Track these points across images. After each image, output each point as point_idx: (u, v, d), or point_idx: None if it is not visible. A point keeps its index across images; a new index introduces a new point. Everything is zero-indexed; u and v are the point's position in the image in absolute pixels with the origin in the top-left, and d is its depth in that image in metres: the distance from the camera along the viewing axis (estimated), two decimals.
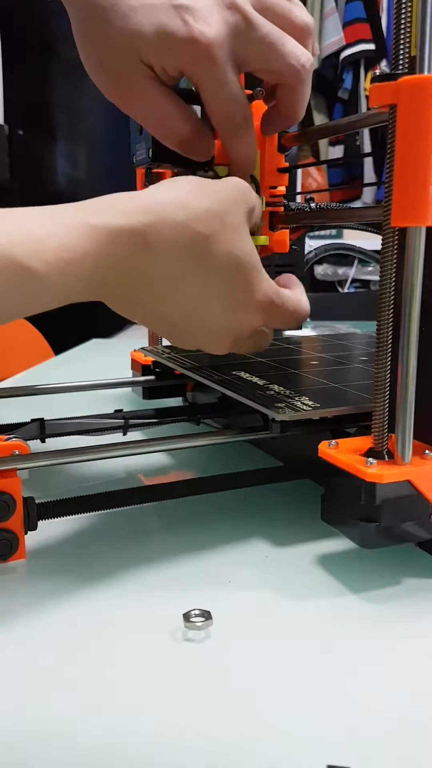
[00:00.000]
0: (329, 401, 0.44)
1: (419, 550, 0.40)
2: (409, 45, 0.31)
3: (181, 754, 0.25)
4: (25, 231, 0.29)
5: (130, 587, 0.36)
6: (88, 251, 0.31)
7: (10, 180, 1.96)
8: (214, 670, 0.30)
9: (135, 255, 0.33)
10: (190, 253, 0.34)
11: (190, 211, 0.34)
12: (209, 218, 0.34)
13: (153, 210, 0.33)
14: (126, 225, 0.32)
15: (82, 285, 0.32)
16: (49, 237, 0.30)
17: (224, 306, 0.37)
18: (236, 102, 0.38)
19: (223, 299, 0.37)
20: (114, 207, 0.33)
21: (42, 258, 0.29)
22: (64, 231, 0.30)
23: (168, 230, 0.33)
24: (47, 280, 0.30)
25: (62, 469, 0.53)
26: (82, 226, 0.31)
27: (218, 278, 0.36)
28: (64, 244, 0.30)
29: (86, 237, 0.31)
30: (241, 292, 0.37)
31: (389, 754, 0.25)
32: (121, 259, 0.32)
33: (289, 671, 0.30)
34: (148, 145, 0.45)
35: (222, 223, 0.35)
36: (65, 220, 0.31)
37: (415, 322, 0.33)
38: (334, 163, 2.82)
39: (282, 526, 0.43)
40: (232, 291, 0.36)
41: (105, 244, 0.31)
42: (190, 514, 0.46)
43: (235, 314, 0.37)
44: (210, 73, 0.36)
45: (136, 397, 0.67)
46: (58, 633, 0.33)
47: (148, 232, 0.33)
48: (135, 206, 0.33)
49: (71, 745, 0.25)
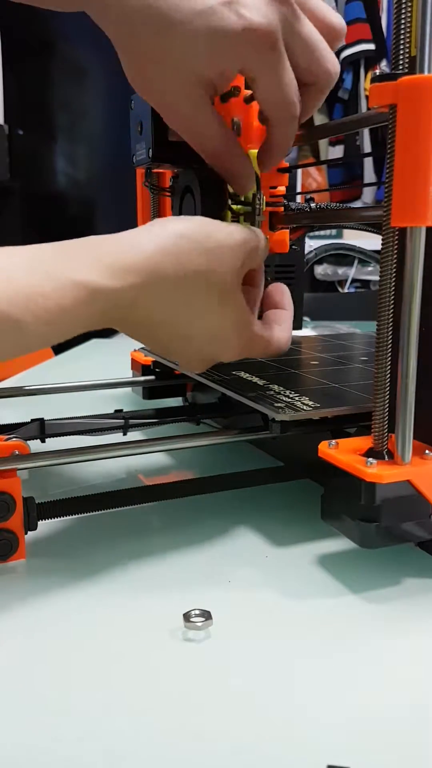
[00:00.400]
0: (329, 401, 0.44)
1: (419, 550, 0.40)
2: (409, 45, 0.31)
3: (181, 753, 0.25)
4: (12, 287, 0.30)
5: (130, 587, 0.36)
6: (76, 307, 0.32)
7: (10, 180, 1.96)
8: (214, 670, 0.30)
9: (122, 310, 0.34)
10: (175, 306, 0.36)
11: (180, 269, 0.35)
12: (198, 278, 0.36)
13: (143, 271, 0.34)
14: (114, 287, 0.33)
15: (69, 331, 0.33)
16: (37, 294, 0.30)
17: (205, 341, 0.39)
18: (294, 88, 0.38)
19: (204, 337, 0.39)
20: (100, 261, 0.33)
21: (30, 312, 0.30)
22: (51, 287, 0.31)
23: (156, 290, 0.34)
24: (35, 330, 0.31)
25: (62, 469, 0.53)
26: (69, 282, 0.31)
27: (206, 328, 0.38)
28: (51, 300, 0.31)
29: (73, 294, 0.31)
30: (226, 336, 0.39)
31: (389, 754, 0.25)
32: (108, 313, 0.34)
33: (289, 671, 0.30)
34: (148, 145, 0.45)
35: (209, 283, 0.36)
36: (51, 274, 0.31)
37: (415, 322, 0.33)
38: (334, 163, 2.82)
39: (282, 526, 0.43)
40: (217, 334, 0.39)
41: (92, 302, 0.32)
42: (190, 514, 0.46)
43: (219, 348, 0.40)
44: (270, 61, 0.36)
45: (136, 397, 0.67)
46: (58, 633, 0.33)
47: (138, 295, 0.34)
48: (124, 265, 0.33)
49: (71, 745, 0.25)
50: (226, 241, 0.37)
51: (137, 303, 0.34)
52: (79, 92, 2.10)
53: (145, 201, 0.58)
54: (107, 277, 0.32)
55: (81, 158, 2.20)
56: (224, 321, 0.38)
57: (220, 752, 0.25)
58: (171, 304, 0.36)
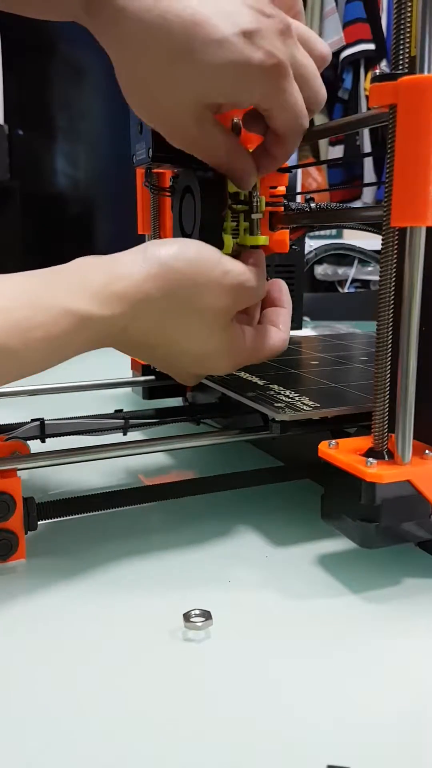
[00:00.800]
0: (329, 401, 0.44)
1: (419, 550, 0.40)
2: (409, 45, 0.31)
3: (180, 753, 0.25)
4: (5, 318, 0.31)
5: (130, 587, 0.36)
6: (68, 335, 0.33)
7: (10, 180, 1.96)
8: (214, 670, 0.30)
9: (114, 336, 0.36)
10: (166, 330, 0.37)
11: (170, 297, 0.36)
12: (187, 307, 0.37)
13: (132, 299, 0.35)
14: (104, 314, 0.34)
15: (64, 356, 0.35)
16: (30, 325, 0.32)
17: (197, 359, 0.40)
18: (302, 104, 0.38)
19: (196, 356, 0.40)
20: (90, 289, 0.34)
21: (24, 342, 0.31)
22: (43, 316, 0.32)
23: (146, 316, 0.35)
24: (30, 358, 0.32)
25: (62, 469, 0.52)
26: (61, 311, 0.32)
27: (193, 348, 0.39)
28: (44, 329, 0.32)
29: (66, 322, 0.33)
30: (215, 359, 0.40)
31: (389, 754, 0.25)
32: (101, 338, 0.35)
33: (289, 671, 0.30)
34: (148, 145, 0.45)
35: (199, 312, 0.37)
36: (43, 304, 0.32)
37: (415, 322, 0.33)
38: (334, 163, 2.82)
39: (282, 526, 0.43)
40: (205, 356, 0.40)
41: (83, 329, 0.33)
42: (190, 514, 0.46)
43: (207, 364, 0.41)
44: (284, 89, 0.36)
45: (136, 397, 0.67)
46: (58, 632, 0.33)
47: (127, 323, 0.35)
48: (113, 293, 0.34)
49: (70, 745, 0.25)
50: (218, 279, 0.37)
51: (128, 329, 0.35)
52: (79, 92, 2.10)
53: (145, 201, 0.58)
54: (97, 306, 0.33)
55: (81, 158, 2.20)
56: (217, 344, 0.39)
57: (220, 752, 0.25)
58: (162, 328, 0.37)
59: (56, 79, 2.07)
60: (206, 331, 0.38)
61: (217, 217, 0.43)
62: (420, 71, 0.31)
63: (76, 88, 2.09)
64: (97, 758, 0.25)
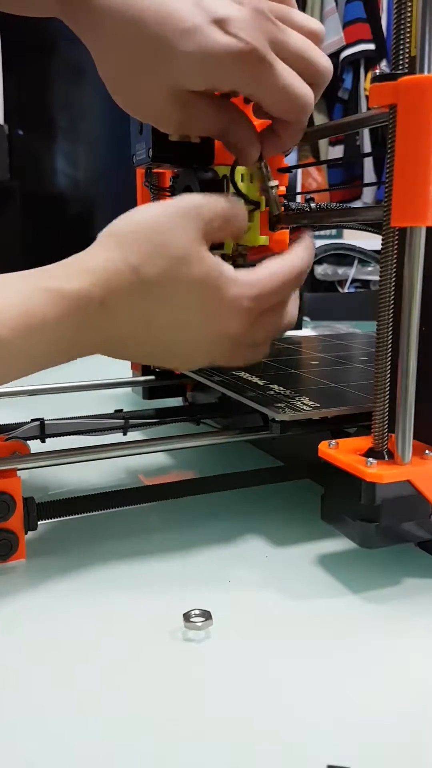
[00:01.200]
0: (329, 401, 0.44)
1: (419, 550, 0.40)
2: (409, 45, 0.31)
3: (180, 753, 0.25)
4: None
5: (130, 587, 0.36)
6: (48, 315, 0.32)
7: (10, 180, 1.95)
8: (214, 670, 0.30)
9: (95, 316, 0.34)
10: (146, 297, 0.35)
11: (133, 260, 0.34)
12: (153, 258, 0.34)
13: (98, 268, 0.34)
14: (72, 288, 0.33)
15: (53, 349, 0.34)
16: (12, 306, 0.32)
17: (199, 324, 0.37)
18: (295, 85, 0.37)
19: (196, 318, 0.37)
20: (55, 269, 0.34)
21: (7, 326, 0.31)
22: (25, 298, 0.32)
23: (118, 284, 0.34)
24: (14, 346, 0.32)
25: (62, 469, 0.52)
26: (41, 291, 0.32)
27: (184, 305, 0.36)
28: (26, 311, 0.32)
29: (45, 302, 0.32)
30: (210, 306, 0.36)
31: (389, 754, 0.25)
32: (82, 320, 0.34)
33: (289, 671, 0.30)
34: (148, 144, 0.45)
35: (168, 258, 0.35)
36: (25, 287, 0.32)
37: (415, 322, 0.33)
38: (334, 163, 2.82)
39: (282, 526, 0.43)
40: (201, 308, 0.36)
41: (62, 307, 0.33)
42: (191, 514, 0.46)
43: (212, 326, 0.37)
44: (261, 73, 0.36)
45: (136, 397, 0.67)
46: (58, 632, 0.33)
47: (95, 292, 0.34)
48: (80, 267, 0.34)
49: (70, 745, 0.25)
50: (175, 205, 0.36)
51: (107, 306, 0.34)
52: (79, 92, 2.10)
53: (145, 201, 0.58)
54: (65, 280, 0.33)
55: (81, 158, 2.20)
56: (204, 288, 0.36)
57: (220, 752, 0.25)
58: (141, 302, 0.35)
59: (56, 79, 2.07)
60: (190, 294, 0.36)
61: None
62: (420, 71, 0.31)
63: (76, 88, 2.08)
64: (96, 758, 0.25)
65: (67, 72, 2.05)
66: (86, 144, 2.19)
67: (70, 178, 2.19)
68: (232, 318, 0.37)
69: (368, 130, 2.54)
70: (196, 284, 0.35)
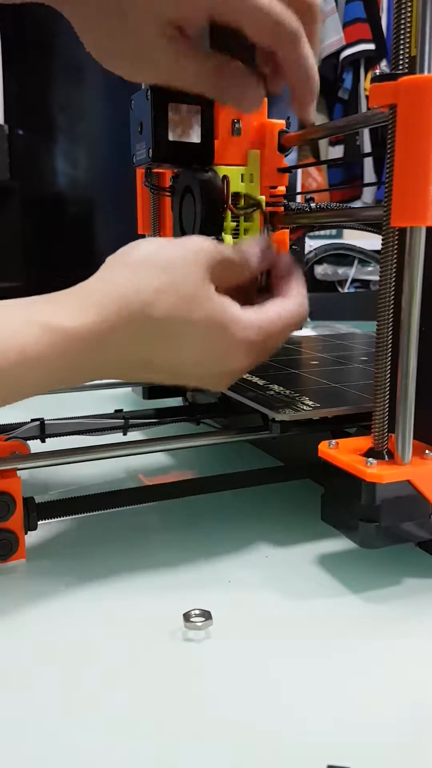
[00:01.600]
0: (329, 401, 0.44)
1: (419, 550, 0.40)
2: (409, 45, 0.31)
3: (181, 753, 0.25)
4: None
5: (130, 587, 0.36)
6: (44, 352, 0.32)
7: (10, 180, 1.95)
8: (214, 670, 0.30)
9: (94, 352, 0.33)
10: (151, 335, 0.34)
11: (146, 296, 0.34)
12: (164, 295, 0.34)
13: (105, 303, 0.33)
14: (77, 325, 0.32)
15: (46, 375, 0.33)
16: (9, 338, 0.31)
17: (200, 361, 0.37)
18: (278, 5, 0.35)
19: (198, 357, 0.36)
20: (52, 300, 0.33)
21: (5, 357, 0.31)
22: (23, 332, 0.32)
23: (124, 321, 0.33)
24: (15, 374, 0.31)
25: (62, 469, 0.52)
26: (42, 327, 0.32)
27: (188, 343, 0.35)
28: (12, 340, 0.31)
29: (43, 340, 0.32)
30: (215, 345, 0.36)
31: (389, 754, 0.25)
32: (80, 356, 0.33)
33: (289, 671, 0.30)
34: (148, 145, 0.45)
35: (178, 295, 0.34)
36: (25, 319, 0.32)
37: (415, 322, 0.33)
38: (334, 163, 2.82)
39: (282, 526, 0.43)
40: (205, 347, 0.36)
41: (61, 346, 0.32)
42: (190, 514, 0.46)
43: (220, 363, 0.37)
44: None
45: (136, 397, 0.67)
46: (58, 633, 0.33)
47: (97, 329, 0.33)
48: (87, 303, 0.33)
49: (70, 745, 0.25)
50: (187, 244, 0.36)
51: (108, 344, 0.34)
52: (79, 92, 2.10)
53: (145, 201, 0.58)
54: (69, 315, 0.33)
55: (81, 158, 2.20)
56: (210, 328, 0.36)
57: (220, 752, 0.25)
58: (144, 339, 0.34)
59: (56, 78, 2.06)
60: (194, 331, 0.35)
61: (217, 218, 0.43)
62: (420, 71, 0.31)
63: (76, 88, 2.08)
64: (97, 758, 0.25)
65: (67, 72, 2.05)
66: (86, 144, 2.19)
67: (70, 178, 2.19)
68: (236, 358, 0.37)
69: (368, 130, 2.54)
70: (202, 323, 0.35)
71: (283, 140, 0.47)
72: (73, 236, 2.27)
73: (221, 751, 0.25)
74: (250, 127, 0.47)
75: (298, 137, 0.47)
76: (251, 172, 0.47)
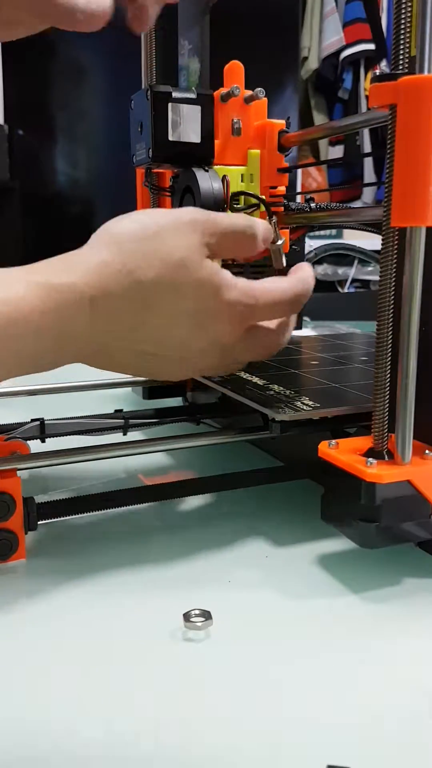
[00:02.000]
0: (329, 401, 0.44)
1: (419, 550, 0.40)
2: (409, 45, 0.31)
3: (180, 753, 0.25)
4: None
5: (130, 587, 0.36)
6: (33, 306, 0.32)
7: (10, 180, 1.96)
8: (213, 670, 0.30)
9: (82, 312, 0.33)
10: (138, 300, 0.35)
11: (131, 264, 0.34)
12: (151, 261, 0.34)
13: (90, 265, 0.34)
14: (64, 281, 0.33)
15: (37, 346, 0.33)
16: (4, 293, 0.31)
17: (190, 328, 0.37)
18: None
19: (188, 322, 0.36)
20: (57, 264, 0.34)
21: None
22: (8, 288, 0.32)
23: (110, 285, 0.34)
24: (8, 334, 0.31)
25: (62, 469, 0.52)
26: (27, 282, 0.32)
27: (177, 308, 0.36)
28: (6, 300, 0.31)
29: (30, 293, 0.32)
30: (206, 308, 0.36)
31: (389, 754, 0.25)
32: (68, 314, 0.33)
33: (289, 671, 0.30)
34: (148, 145, 0.45)
35: (166, 262, 0.34)
36: (9, 278, 0.32)
37: (415, 322, 0.33)
38: (334, 163, 2.82)
39: (282, 526, 0.43)
40: (195, 311, 0.36)
41: (49, 298, 0.32)
42: (190, 514, 0.46)
43: (205, 330, 0.37)
44: None
45: (136, 397, 0.67)
46: (58, 633, 0.33)
47: (86, 288, 0.33)
48: (72, 262, 0.34)
49: (70, 745, 0.25)
50: (170, 221, 0.36)
51: (96, 305, 0.33)
52: (79, 92, 2.10)
53: (145, 201, 0.58)
54: (56, 273, 0.33)
55: (81, 158, 2.20)
56: (199, 293, 0.36)
57: (220, 752, 0.25)
58: (132, 305, 0.34)
59: (56, 79, 2.07)
60: (185, 301, 0.35)
61: None
62: (420, 71, 0.31)
63: (76, 88, 2.08)
64: (96, 757, 0.25)
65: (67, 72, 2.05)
66: (86, 144, 2.19)
67: (70, 178, 2.19)
68: (226, 322, 0.37)
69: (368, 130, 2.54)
70: (192, 286, 0.35)
71: (283, 140, 0.47)
72: (73, 236, 2.26)
73: (222, 751, 0.25)
74: (250, 127, 0.47)
75: (298, 137, 0.47)
76: (251, 172, 0.47)
